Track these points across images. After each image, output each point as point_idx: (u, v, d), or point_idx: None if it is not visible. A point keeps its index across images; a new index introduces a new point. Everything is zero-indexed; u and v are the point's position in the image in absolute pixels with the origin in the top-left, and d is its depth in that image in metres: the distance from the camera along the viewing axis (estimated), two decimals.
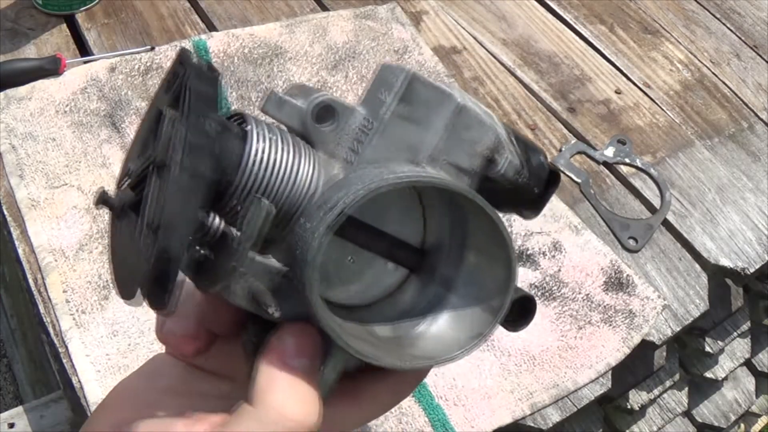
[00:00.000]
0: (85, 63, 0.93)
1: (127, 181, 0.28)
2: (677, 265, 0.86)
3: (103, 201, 0.27)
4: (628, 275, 0.81)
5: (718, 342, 0.98)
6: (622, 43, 1.13)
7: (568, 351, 0.74)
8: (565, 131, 0.98)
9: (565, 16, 1.15)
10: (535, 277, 0.80)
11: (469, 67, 1.04)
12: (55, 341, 0.68)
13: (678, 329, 0.81)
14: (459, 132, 0.30)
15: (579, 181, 0.92)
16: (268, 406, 0.27)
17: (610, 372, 0.75)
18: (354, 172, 0.29)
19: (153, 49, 0.96)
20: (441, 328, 0.30)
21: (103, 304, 0.71)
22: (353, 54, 1.00)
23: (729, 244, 0.89)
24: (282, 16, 1.06)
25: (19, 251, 0.75)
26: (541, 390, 0.71)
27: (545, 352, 0.74)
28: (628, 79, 1.07)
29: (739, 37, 1.17)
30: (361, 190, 0.26)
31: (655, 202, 0.91)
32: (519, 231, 0.83)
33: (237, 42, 0.98)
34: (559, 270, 0.81)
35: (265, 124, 0.28)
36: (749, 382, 1.11)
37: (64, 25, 1.01)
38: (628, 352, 0.76)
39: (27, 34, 0.98)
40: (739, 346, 1.06)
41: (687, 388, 1.01)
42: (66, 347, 0.68)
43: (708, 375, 1.02)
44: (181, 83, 0.27)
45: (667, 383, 0.95)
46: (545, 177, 0.32)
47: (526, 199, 0.32)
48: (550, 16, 1.15)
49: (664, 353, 0.87)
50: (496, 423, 0.69)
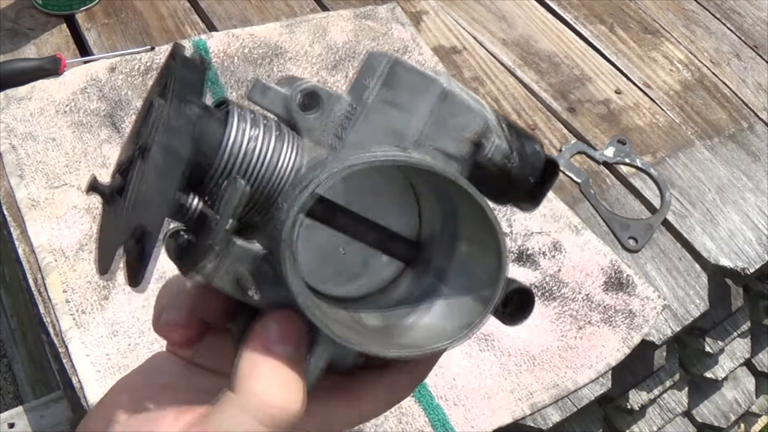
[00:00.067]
0: (85, 63, 0.93)
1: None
2: (677, 265, 0.86)
3: (93, 188, 0.27)
4: (628, 275, 0.81)
5: (718, 342, 0.98)
6: (622, 43, 1.13)
7: (568, 351, 0.74)
8: (565, 131, 0.98)
9: (565, 16, 1.15)
10: (535, 277, 0.80)
11: (469, 67, 1.04)
12: (55, 341, 0.68)
13: (678, 329, 0.81)
14: (445, 117, 0.29)
15: (579, 181, 0.92)
16: (250, 392, 0.27)
17: (610, 372, 0.75)
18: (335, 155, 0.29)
19: (153, 49, 0.96)
20: (432, 319, 0.30)
21: (103, 304, 0.71)
22: (353, 54, 1.00)
23: (729, 244, 0.89)
24: (282, 16, 1.06)
25: (19, 251, 0.75)
26: (541, 390, 0.71)
27: (545, 352, 0.74)
28: (628, 79, 1.07)
29: (739, 37, 1.17)
30: (336, 168, 0.26)
31: (655, 202, 0.91)
32: (519, 231, 0.83)
33: (237, 42, 0.98)
34: (559, 270, 0.81)
35: (250, 111, 0.29)
36: (749, 382, 1.11)
37: (64, 25, 1.01)
38: (628, 352, 0.76)
39: (27, 34, 0.98)
40: (739, 346, 1.06)
41: (687, 388, 1.01)
42: (66, 347, 0.68)
43: (708, 375, 1.02)
44: (170, 73, 0.28)
45: (667, 383, 0.95)
46: (540, 166, 0.32)
47: (521, 189, 0.32)
48: (550, 16, 1.15)
49: (664, 353, 0.87)
50: (496, 423, 0.69)
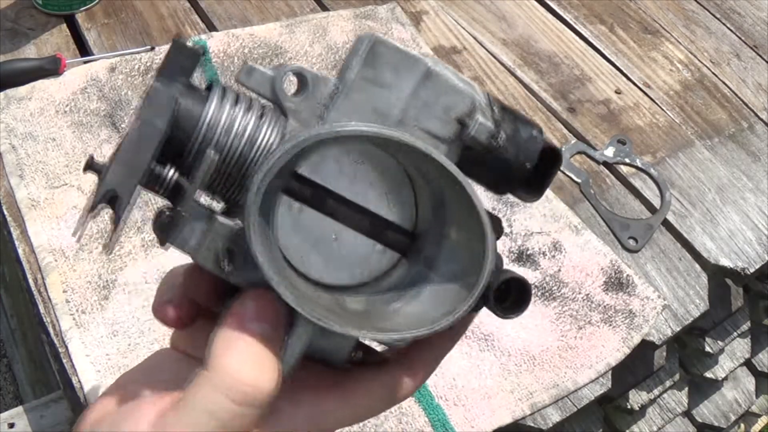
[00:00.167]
0: (85, 63, 0.93)
1: None
2: (677, 265, 0.86)
3: (89, 166, 0.28)
4: (628, 275, 0.81)
5: (718, 342, 0.98)
6: (622, 43, 1.13)
7: (568, 351, 0.74)
8: (565, 131, 0.98)
9: (565, 16, 1.15)
10: (535, 277, 0.80)
11: (469, 67, 1.04)
12: (55, 341, 0.68)
13: (678, 329, 0.81)
14: (431, 97, 0.29)
15: (579, 181, 0.92)
16: (222, 369, 0.27)
17: (610, 372, 0.75)
18: None
19: (153, 49, 0.96)
20: (418, 306, 0.30)
21: (103, 304, 0.71)
22: None
23: (729, 244, 0.89)
24: (282, 16, 1.06)
25: (19, 251, 0.75)
26: (541, 390, 0.71)
27: (545, 352, 0.74)
28: (628, 79, 1.07)
29: (739, 37, 1.17)
30: (303, 137, 0.27)
31: (655, 202, 0.91)
32: (519, 231, 0.83)
33: (237, 42, 0.98)
34: (559, 270, 0.81)
35: (234, 92, 0.29)
36: (749, 382, 1.11)
37: (64, 25, 1.01)
38: (628, 352, 0.76)
39: (27, 34, 0.98)
40: (739, 346, 1.06)
41: (687, 388, 1.01)
42: (66, 347, 0.68)
43: (708, 375, 1.02)
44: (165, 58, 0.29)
45: (667, 383, 0.95)
46: (537, 151, 0.31)
47: (518, 176, 0.31)
48: (550, 16, 1.15)
49: (664, 353, 0.87)
50: (496, 423, 0.69)
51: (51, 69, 0.90)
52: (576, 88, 1.04)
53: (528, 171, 0.30)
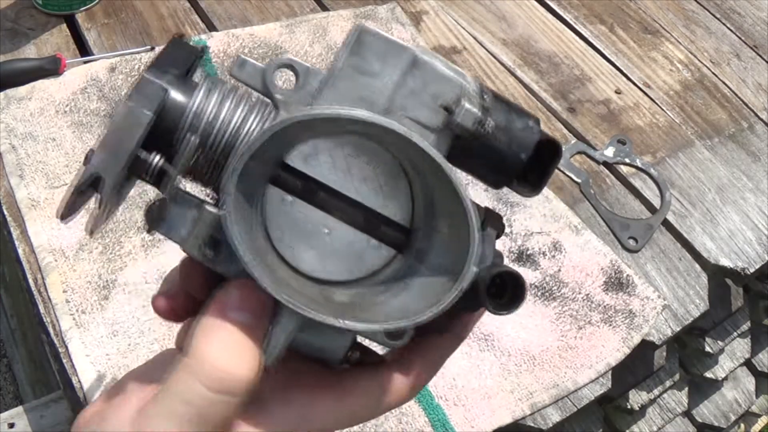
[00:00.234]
0: (85, 63, 0.93)
1: None
2: (677, 265, 0.86)
3: (88, 160, 0.29)
4: (628, 275, 0.81)
5: (718, 342, 0.98)
6: (622, 43, 1.13)
7: (568, 351, 0.74)
8: (565, 131, 0.98)
9: (565, 16, 1.15)
10: (535, 277, 0.80)
11: (469, 67, 1.04)
12: (55, 341, 0.68)
13: (678, 329, 0.81)
14: (418, 86, 0.29)
15: (579, 181, 0.92)
16: (199, 356, 0.27)
17: (610, 372, 0.75)
18: None
19: (153, 49, 0.96)
20: (404, 299, 0.29)
21: (103, 304, 0.71)
22: None
23: (729, 244, 0.89)
24: (282, 16, 1.06)
25: (19, 251, 0.75)
26: (541, 390, 0.71)
27: (545, 352, 0.74)
28: (628, 79, 1.07)
29: (739, 37, 1.17)
30: (279, 119, 0.27)
31: (655, 202, 0.91)
32: (519, 231, 0.83)
33: (237, 42, 0.98)
34: (559, 270, 0.81)
35: (223, 83, 0.30)
36: (749, 382, 1.11)
37: (64, 25, 1.01)
38: (628, 352, 0.76)
39: (27, 34, 0.98)
40: (739, 346, 1.06)
41: (687, 388, 1.01)
42: (66, 347, 0.68)
43: (708, 375, 1.02)
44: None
45: (667, 383, 0.95)
46: (532, 141, 0.30)
47: (512, 167, 0.30)
48: (550, 16, 1.15)
49: (664, 353, 0.87)
50: (496, 423, 0.69)
51: (51, 69, 0.90)
52: (576, 88, 1.04)
53: (524, 162, 0.30)
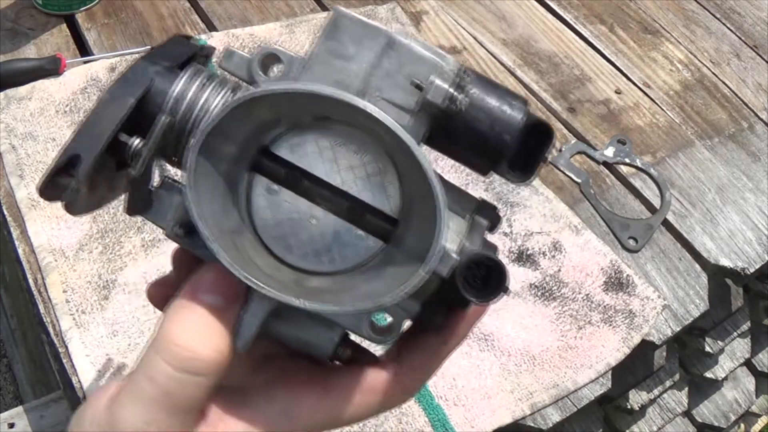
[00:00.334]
0: (85, 63, 0.93)
1: None
2: (677, 265, 0.86)
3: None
4: (628, 275, 0.81)
5: (718, 342, 0.98)
6: (622, 43, 1.13)
7: (568, 351, 0.74)
8: (565, 131, 0.98)
9: (565, 16, 1.15)
10: (535, 277, 0.80)
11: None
12: (55, 341, 0.68)
13: (678, 329, 0.81)
14: (393, 66, 0.29)
15: (579, 181, 0.92)
16: (165, 335, 0.27)
17: (610, 372, 0.75)
18: None
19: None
20: (376, 285, 0.28)
21: (103, 304, 0.71)
22: None
23: (729, 244, 0.89)
24: (282, 16, 1.06)
25: (19, 251, 0.75)
26: (541, 390, 0.71)
27: (545, 352, 0.74)
28: (628, 79, 1.07)
29: (739, 37, 1.17)
30: (237, 96, 0.27)
31: (655, 202, 0.91)
32: (519, 231, 0.83)
33: (237, 42, 0.98)
34: (559, 270, 0.81)
35: (207, 72, 0.30)
36: (749, 382, 1.11)
37: (64, 25, 1.01)
38: (628, 352, 0.76)
39: (27, 34, 0.98)
40: (739, 346, 1.06)
41: (687, 388, 1.01)
42: (66, 347, 0.68)
43: (708, 375, 1.02)
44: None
45: (667, 383, 0.95)
46: (516, 122, 0.29)
47: (495, 149, 0.29)
48: (550, 16, 1.15)
49: (664, 353, 0.87)
50: (496, 423, 0.69)
51: (51, 69, 0.90)
52: (576, 88, 1.04)
53: (508, 145, 0.29)
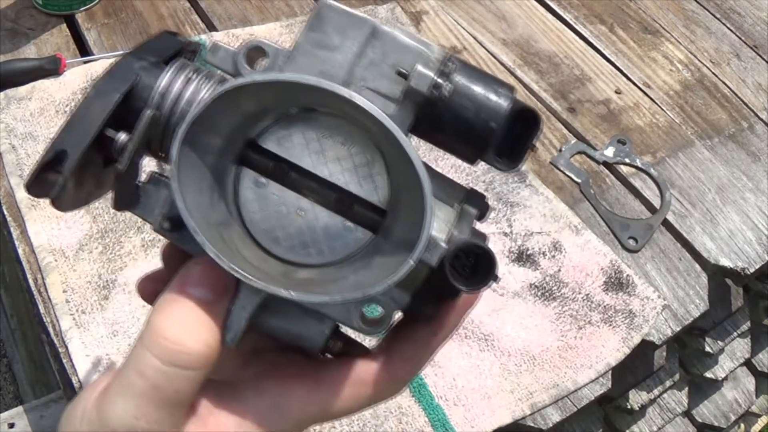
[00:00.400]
0: (85, 63, 0.93)
1: None
2: (677, 265, 0.86)
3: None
4: (628, 275, 0.81)
5: (718, 342, 0.98)
6: (622, 43, 1.13)
7: (568, 351, 0.74)
8: (565, 131, 0.98)
9: (565, 16, 1.15)
10: (535, 277, 0.80)
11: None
12: (55, 341, 0.68)
13: (678, 329, 0.81)
14: (377, 56, 0.29)
15: (579, 181, 0.92)
16: (156, 331, 0.27)
17: (610, 372, 0.75)
18: None
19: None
20: (364, 275, 0.28)
21: (103, 304, 0.71)
22: None
23: (729, 244, 0.89)
24: (282, 16, 1.06)
25: (19, 251, 0.75)
26: (541, 390, 0.71)
27: (545, 352, 0.74)
28: (628, 79, 1.07)
29: (739, 37, 1.17)
30: (221, 87, 0.27)
31: (655, 202, 0.91)
32: (519, 231, 0.83)
33: (237, 42, 0.98)
34: (559, 270, 0.81)
35: (193, 67, 0.30)
36: (749, 382, 1.11)
37: (64, 25, 1.01)
38: (628, 352, 0.76)
39: (27, 34, 0.98)
40: (739, 346, 1.06)
41: (687, 388, 1.01)
42: (66, 347, 0.68)
43: (708, 375, 1.02)
44: None
45: (667, 383, 0.95)
46: (502, 109, 0.29)
47: (481, 137, 0.29)
48: (550, 16, 1.15)
49: (664, 353, 0.87)
50: (496, 423, 0.69)
51: (51, 69, 0.90)
52: (576, 88, 1.04)
53: (494, 132, 0.29)
